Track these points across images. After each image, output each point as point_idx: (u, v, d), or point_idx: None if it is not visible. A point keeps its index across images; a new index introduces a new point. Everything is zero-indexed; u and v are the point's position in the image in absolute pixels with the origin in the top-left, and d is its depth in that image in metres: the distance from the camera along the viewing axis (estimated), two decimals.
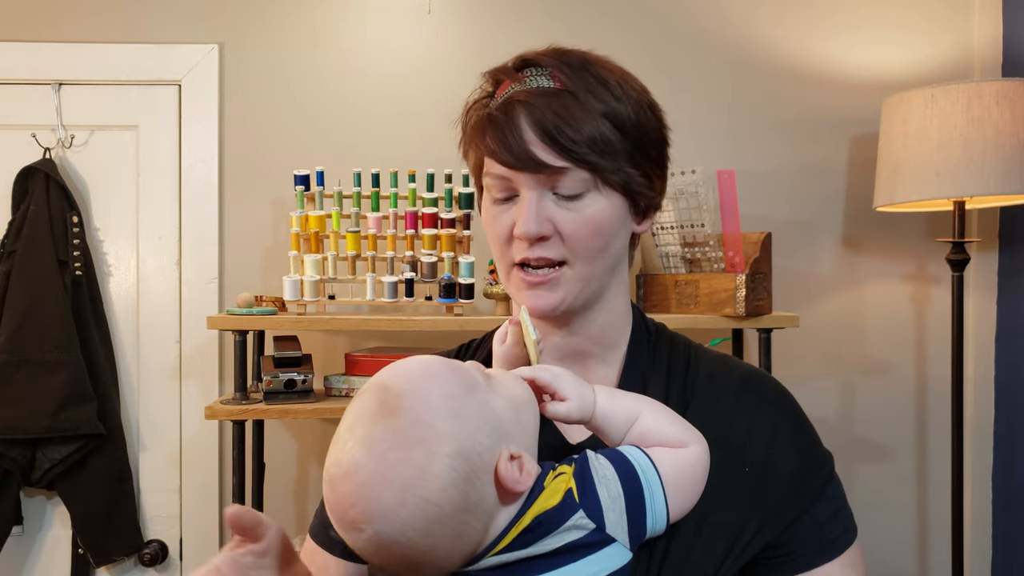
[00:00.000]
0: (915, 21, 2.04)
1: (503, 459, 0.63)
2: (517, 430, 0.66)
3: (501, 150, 0.73)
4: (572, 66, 0.76)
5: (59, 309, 1.81)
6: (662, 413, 0.72)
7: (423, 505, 0.60)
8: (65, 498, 1.86)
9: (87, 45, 1.95)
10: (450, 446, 0.61)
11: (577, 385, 0.70)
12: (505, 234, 0.77)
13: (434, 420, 0.61)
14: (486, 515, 0.62)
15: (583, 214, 0.74)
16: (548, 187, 0.74)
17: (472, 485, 0.61)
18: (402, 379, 0.65)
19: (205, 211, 1.97)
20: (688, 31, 2.03)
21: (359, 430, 0.62)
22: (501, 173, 0.75)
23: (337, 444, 0.63)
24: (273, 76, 1.99)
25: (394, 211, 1.76)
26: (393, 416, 0.61)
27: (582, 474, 0.66)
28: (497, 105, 0.75)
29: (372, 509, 0.60)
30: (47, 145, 1.94)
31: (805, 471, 0.77)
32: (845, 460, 2.05)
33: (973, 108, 1.66)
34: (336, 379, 1.74)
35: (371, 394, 0.64)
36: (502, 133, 0.73)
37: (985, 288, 2.04)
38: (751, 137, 2.03)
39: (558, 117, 0.72)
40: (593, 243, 0.75)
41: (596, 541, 0.64)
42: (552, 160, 0.72)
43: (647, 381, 0.81)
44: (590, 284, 0.78)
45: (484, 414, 0.64)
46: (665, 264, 1.82)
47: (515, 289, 0.78)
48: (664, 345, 0.84)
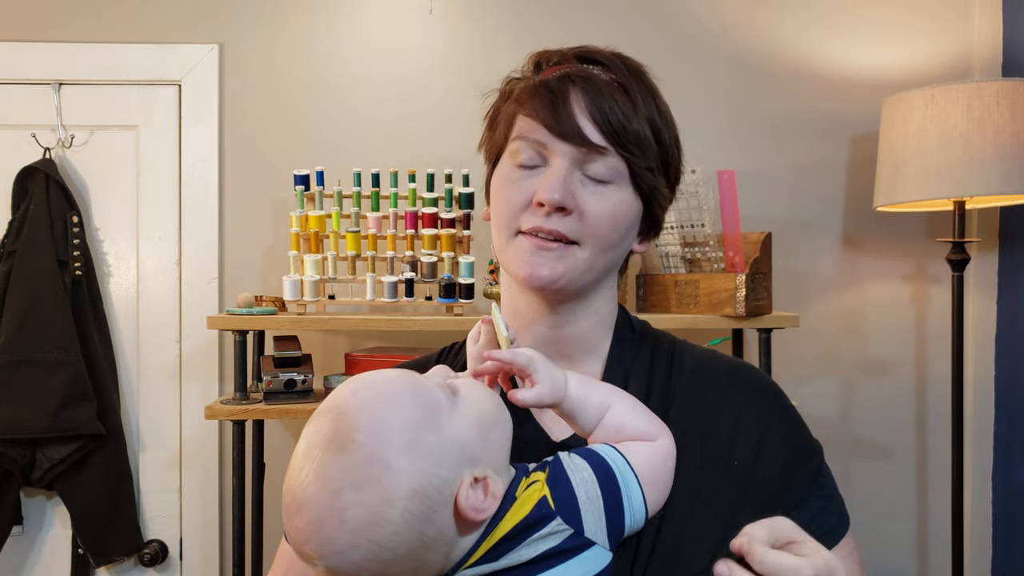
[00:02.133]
0: (915, 21, 2.04)
1: (464, 486, 0.61)
2: (484, 450, 0.64)
3: (549, 115, 0.74)
4: (629, 68, 0.78)
5: (59, 309, 1.81)
6: (633, 405, 0.72)
7: (376, 549, 0.59)
8: (65, 498, 1.86)
9: (87, 45, 1.96)
10: (404, 486, 0.59)
11: (549, 368, 0.70)
12: (522, 200, 0.75)
13: (389, 457, 0.59)
14: (446, 546, 0.62)
15: (608, 199, 0.75)
16: (580, 164, 0.74)
17: (429, 523, 0.60)
18: (358, 406, 0.62)
19: (205, 211, 1.97)
20: (688, 31, 2.03)
21: (313, 460, 0.61)
22: (539, 138, 0.75)
23: (293, 467, 0.62)
24: (273, 76, 1.99)
25: (394, 211, 1.76)
26: (346, 452, 0.60)
27: (556, 479, 0.65)
28: (556, 76, 0.76)
29: (325, 549, 0.59)
30: (47, 145, 1.94)
31: (795, 463, 0.77)
32: (845, 460, 2.05)
33: (973, 108, 1.66)
34: (336, 379, 1.74)
35: (326, 420, 0.62)
36: (554, 98, 0.74)
37: (985, 288, 2.04)
38: (751, 137, 2.03)
39: (614, 101, 0.74)
40: (609, 231, 0.75)
41: (575, 546, 0.63)
42: (596, 137, 0.73)
43: (628, 378, 0.80)
44: (589, 274, 0.77)
45: (446, 442, 0.62)
46: (665, 264, 1.82)
47: (514, 255, 0.76)
48: (647, 342, 0.85)
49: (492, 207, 0.80)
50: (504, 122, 0.79)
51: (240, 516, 1.69)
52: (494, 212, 0.79)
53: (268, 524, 1.90)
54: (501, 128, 0.80)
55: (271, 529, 1.91)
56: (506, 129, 0.79)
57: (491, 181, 0.82)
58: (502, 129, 0.79)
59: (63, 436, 1.79)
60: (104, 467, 1.87)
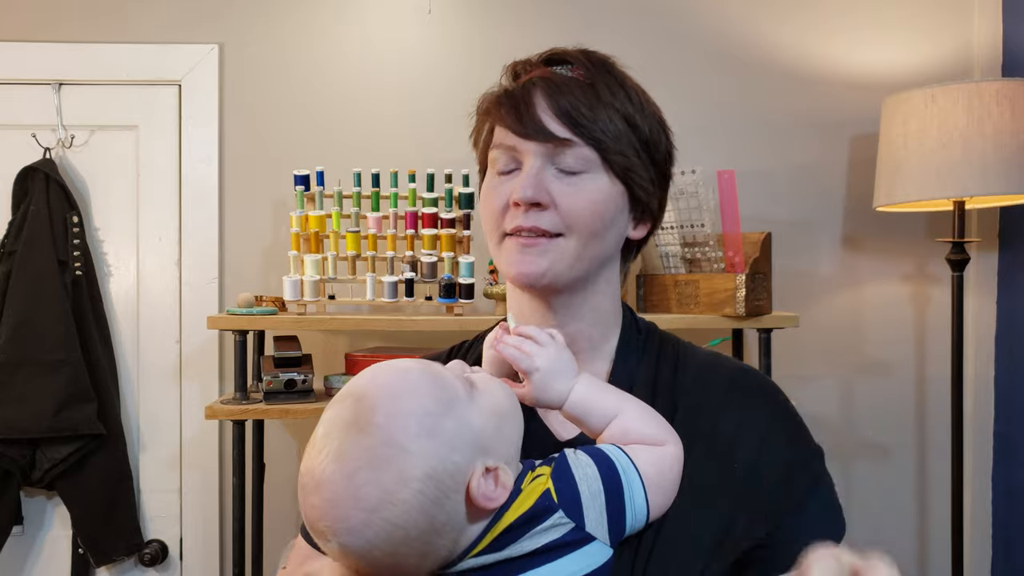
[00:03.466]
0: (915, 21, 2.04)
1: (476, 475, 0.62)
2: (497, 442, 0.65)
3: (512, 119, 0.76)
4: (595, 63, 0.79)
5: (59, 309, 1.81)
6: (644, 411, 0.73)
7: (388, 528, 0.60)
8: (65, 498, 1.86)
9: (87, 45, 1.96)
10: (420, 468, 0.61)
11: (549, 376, 0.72)
12: (502, 204, 0.78)
13: (406, 440, 0.61)
14: (455, 531, 0.63)
15: (582, 189, 0.76)
16: (551, 160, 0.76)
17: (440, 507, 0.61)
18: (378, 391, 0.64)
19: (205, 211, 1.97)
20: (688, 31, 2.03)
21: (333, 442, 0.62)
22: (508, 143, 0.77)
23: (312, 450, 0.64)
24: (273, 76, 1.99)
25: (394, 211, 1.76)
26: (365, 433, 0.61)
27: (561, 473, 0.66)
28: (520, 83, 0.79)
29: (339, 526, 0.61)
30: (47, 145, 1.94)
31: (795, 467, 0.78)
32: (845, 460, 2.05)
33: (973, 108, 1.66)
34: (336, 379, 1.74)
35: (347, 404, 0.64)
36: (516, 103, 0.76)
37: (985, 288, 2.04)
38: (751, 137, 2.03)
39: (574, 97, 0.76)
40: (590, 220, 0.76)
41: (575, 540, 0.64)
42: (559, 131, 0.75)
43: (634, 380, 0.81)
44: (578, 265, 0.77)
45: (460, 431, 0.63)
46: (665, 264, 1.82)
47: (505, 258, 0.79)
48: (653, 345, 0.85)
49: (481, 216, 0.83)
50: (484, 136, 0.83)
51: (240, 516, 1.69)
52: (483, 221, 0.82)
53: (268, 524, 1.90)
54: (482, 142, 0.83)
55: (271, 529, 1.91)
56: (486, 142, 0.82)
57: (481, 191, 0.84)
58: (483, 143, 0.83)
59: (63, 436, 1.79)
60: (104, 467, 1.87)
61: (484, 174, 0.84)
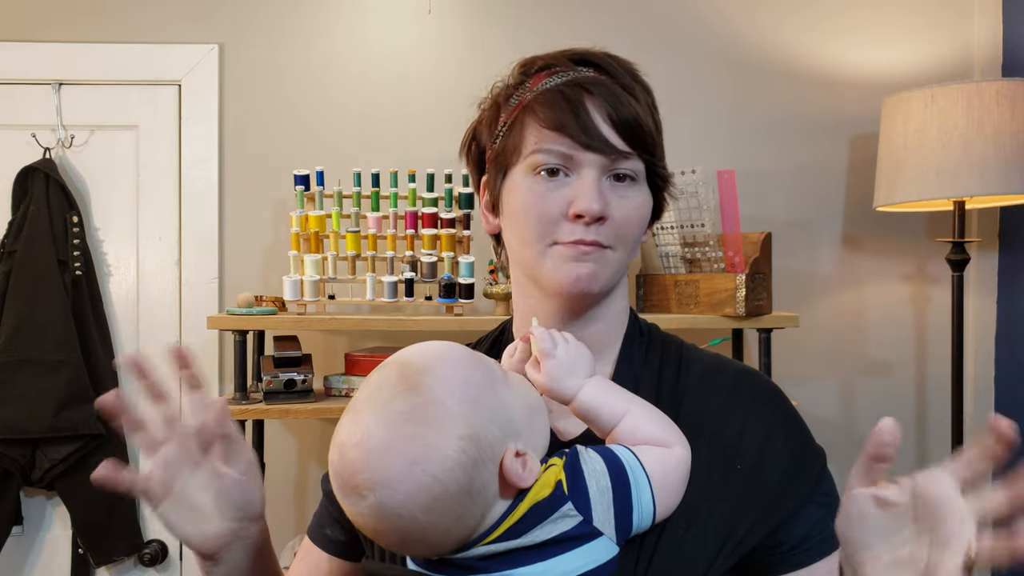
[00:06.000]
0: (915, 21, 2.04)
1: (509, 454, 0.64)
2: (527, 430, 0.67)
3: (573, 126, 0.74)
4: (624, 67, 0.80)
5: (59, 309, 1.81)
6: (652, 413, 0.73)
7: (430, 481, 0.61)
8: (65, 498, 1.86)
9: (87, 45, 1.95)
10: (464, 429, 0.62)
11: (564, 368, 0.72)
12: (557, 212, 0.75)
13: (452, 402, 0.63)
14: (485, 503, 0.64)
15: (631, 200, 0.77)
16: (607, 171, 0.76)
17: (478, 471, 0.62)
18: (426, 358, 0.66)
19: (205, 211, 1.97)
20: (688, 31, 2.03)
21: (376, 402, 0.64)
22: (563, 149, 0.75)
23: (351, 414, 0.65)
24: (273, 76, 1.99)
25: (394, 211, 1.76)
26: (413, 392, 0.63)
27: (572, 467, 0.67)
28: (565, 82, 0.77)
29: (378, 477, 0.61)
30: (47, 145, 1.94)
31: (797, 469, 0.78)
32: (845, 460, 2.03)
33: (973, 108, 1.66)
34: (336, 379, 1.74)
35: (393, 368, 0.66)
36: (574, 108, 0.75)
37: (985, 288, 2.04)
38: (751, 137, 2.03)
39: (628, 107, 0.76)
40: (634, 232, 0.78)
41: (583, 534, 0.65)
42: (621, 145, 0.75)
43: (638, 382, 0.81)
44: (617, 274, 0.79)
45: (499, 407, 0.66)
46: (665, 264, 1.82)
47: (553, 265, 0.76)
48: (656, 346, 0.85)
49: (515, 219, 0.78)
50: (514, 132, 0.78)
51: None
52: (521, 225, 0.78)
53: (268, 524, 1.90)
54: (511, 138, 0.78)
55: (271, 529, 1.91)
56: (518, 140, 0.78)
57: (503, 192, 0.80)
58: (512, 140, 0.78)
59: (63, 436, 1.79)
60: None
61: (497, 167, 0.80)
